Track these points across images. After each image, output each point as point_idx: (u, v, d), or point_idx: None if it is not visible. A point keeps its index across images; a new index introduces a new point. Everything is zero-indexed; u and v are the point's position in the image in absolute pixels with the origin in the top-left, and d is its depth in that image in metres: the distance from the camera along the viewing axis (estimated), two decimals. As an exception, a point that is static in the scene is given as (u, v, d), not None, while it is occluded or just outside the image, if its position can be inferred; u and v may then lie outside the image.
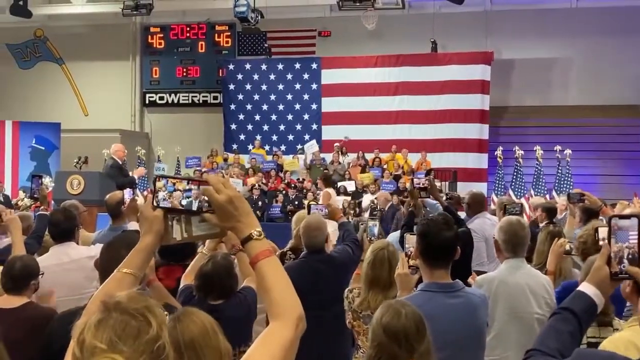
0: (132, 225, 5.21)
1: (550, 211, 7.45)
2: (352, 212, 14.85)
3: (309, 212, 5.65)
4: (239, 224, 1.89)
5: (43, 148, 20.92)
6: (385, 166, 18.98)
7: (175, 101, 23.68)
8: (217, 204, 1.88)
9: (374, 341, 2.71)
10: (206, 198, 1.90)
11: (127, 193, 5.99)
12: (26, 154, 20.71)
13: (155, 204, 1.97)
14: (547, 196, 16.08)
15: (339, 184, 17.58)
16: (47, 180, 8.78)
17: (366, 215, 14.52)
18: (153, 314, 1.52)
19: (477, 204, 7.06)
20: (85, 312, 1.86)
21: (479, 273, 4.84)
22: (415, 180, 6.34)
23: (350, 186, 17.45)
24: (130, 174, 11.91)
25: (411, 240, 3.66)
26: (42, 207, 6.08)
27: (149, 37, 23.76)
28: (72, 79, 24.18)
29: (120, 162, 11.20)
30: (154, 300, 1.58)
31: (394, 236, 6.58)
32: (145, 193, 15.16)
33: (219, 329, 2.39)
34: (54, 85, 24.00)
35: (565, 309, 2.12)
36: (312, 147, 19.93)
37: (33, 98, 23.79)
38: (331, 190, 12.73)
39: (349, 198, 16.21)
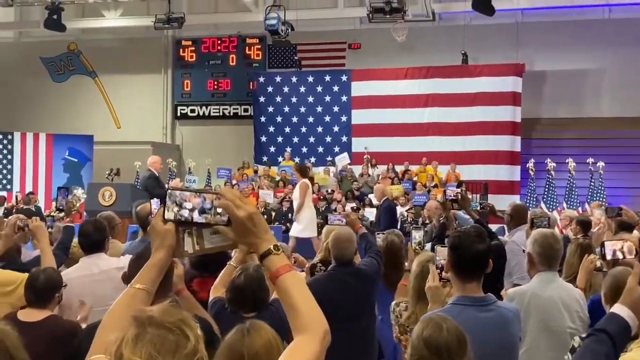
0: None
1: (584, 224, 7.36)
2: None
3: (326, 222, 5.64)
4: (258, 240, 1.89)
5: (76, 160, 21.19)
6: (415, 178, 18.89)
7: (206, 114, 23.87)
8: (237, 220, 1.87)
9: (414, 355, 2.67)
10: (218, 209, 1.90)
11: (155, 203, 6.00)
12: (59, 166, 20.99)
13: (165, 217, 1.95)
14: (580, 209, 15.85)
15: (369, 196, 17.52)
16: (79, 192, 8.87)
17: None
18: (189, 327, 1.51)
19: (519, 216, 6.94)
20: (101, 327, 1.85)
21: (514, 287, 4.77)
22: (447, 191, 6.29)
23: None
24: (167, 185, 12.02)
25: (442, 252, 3.62)
26: (67, 219, 6.13)
27: (181, 50, 24.00)
28: (105, 92, 24.50)
29: (157, 174, 11.29)
30: (187, 313, 1.56)
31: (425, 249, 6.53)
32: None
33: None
34: (87, 98, 24.33)
35: (600, 330, 2.12)
36: (343, 159, 19.92)
37: (66, 111, 24.14)
38: (307, 182, 12.24)
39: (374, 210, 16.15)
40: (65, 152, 21.11)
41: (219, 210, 1.90)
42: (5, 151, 20.88)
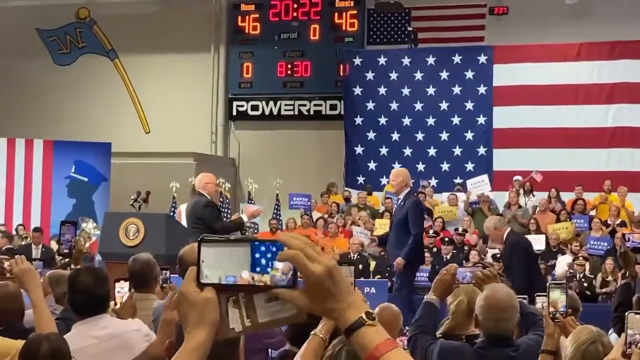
0: None
1: None
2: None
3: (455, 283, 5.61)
4: (340, 305, 1.93)
5: (86, 179, 21.70)
6: (592, 212, 18.58)
7: (275, 112, 24.15)
8: (311, 279, 1.91)
9: None
10: (277, 264, 1.94)
11: (124, 287, 6.20)
12: (62, 188, 21.52)
13: (202, 280, 1.98)
14: None
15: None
16: (90, 226, 9.13)
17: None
18: None
19: None
20: None
21: None
22: (628, 237, 6.20)
23: (539, 243, 17.16)
24: (240, 215, 12.25)
25: (637, 322, 3.59)
26: (77, 267, 6.36)
27: (239, 18, 24.39)
28: (129, 80, 25.13)
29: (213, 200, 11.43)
30: None
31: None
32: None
33: None
34: (103, 89, 24.97)
35: None
36: (481, 185, 19.66)
37: (73, 107, 24.84)
38: (183, 208, 12.14)
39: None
40: (70, 167, 21.64)
41: (278, 265, 1.94)
42: (-16, 165, 21.50)
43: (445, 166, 21.92)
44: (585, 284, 15.64)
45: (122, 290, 6.09)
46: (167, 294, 6.98)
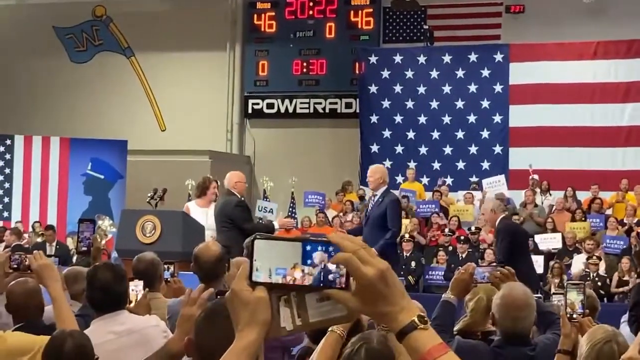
0: None
1: None
2: (556, 280, 14.59)
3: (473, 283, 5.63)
4: (393, 308, 1.93)
5: (102, 176, 21.79)
6: (608, 211, 18.55)
7: (291, 110, 24.17)
8: (364, 281, 1.91)
9: None
10: (330, 265, 1.95)
11: (138, 285, 6.24)
12: (78, 185, 21.63)
13: (254, 279, 1.98)
14: None
15: (537, 237, 17.30)
16: (106, 223, 9.17)
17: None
18: None
19: None
20: None
21: None
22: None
23: (555, 241, 17.15)
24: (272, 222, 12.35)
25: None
26: (96, 264, 6.43)
27: (255, 17, 24.43)
28: (145, 78, 25.19)
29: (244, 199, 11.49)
30: None
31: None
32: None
33: None
34: (119, 86, 25.07)
35: None
36: (497, 185, 19.60)
37: (90, 104, 24.90)
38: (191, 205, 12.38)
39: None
40: (87, 164, 21.75)
41: (331, 266, 1.95)
42: (1, 163, 21.66)
43: (460, 165, 21.91)
44: (599, 283, 15.62)
45: (136, 288, 6.13)
46: (173, 289, 7.03)
